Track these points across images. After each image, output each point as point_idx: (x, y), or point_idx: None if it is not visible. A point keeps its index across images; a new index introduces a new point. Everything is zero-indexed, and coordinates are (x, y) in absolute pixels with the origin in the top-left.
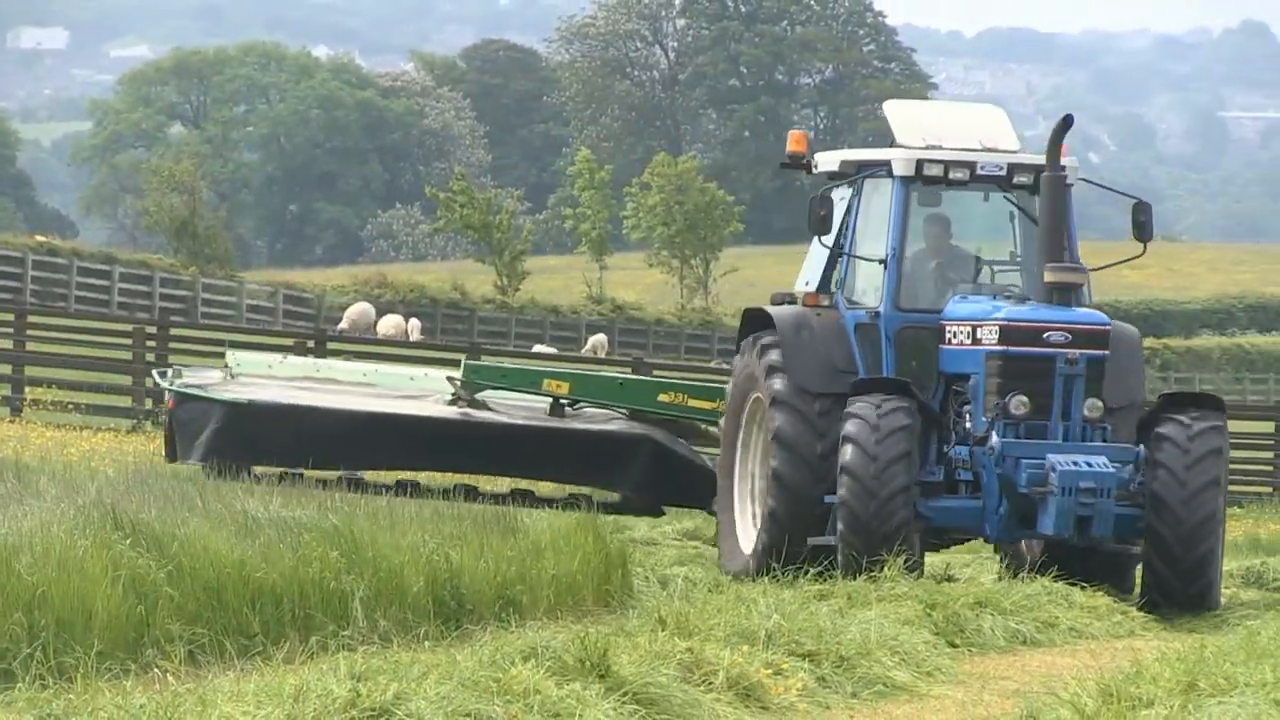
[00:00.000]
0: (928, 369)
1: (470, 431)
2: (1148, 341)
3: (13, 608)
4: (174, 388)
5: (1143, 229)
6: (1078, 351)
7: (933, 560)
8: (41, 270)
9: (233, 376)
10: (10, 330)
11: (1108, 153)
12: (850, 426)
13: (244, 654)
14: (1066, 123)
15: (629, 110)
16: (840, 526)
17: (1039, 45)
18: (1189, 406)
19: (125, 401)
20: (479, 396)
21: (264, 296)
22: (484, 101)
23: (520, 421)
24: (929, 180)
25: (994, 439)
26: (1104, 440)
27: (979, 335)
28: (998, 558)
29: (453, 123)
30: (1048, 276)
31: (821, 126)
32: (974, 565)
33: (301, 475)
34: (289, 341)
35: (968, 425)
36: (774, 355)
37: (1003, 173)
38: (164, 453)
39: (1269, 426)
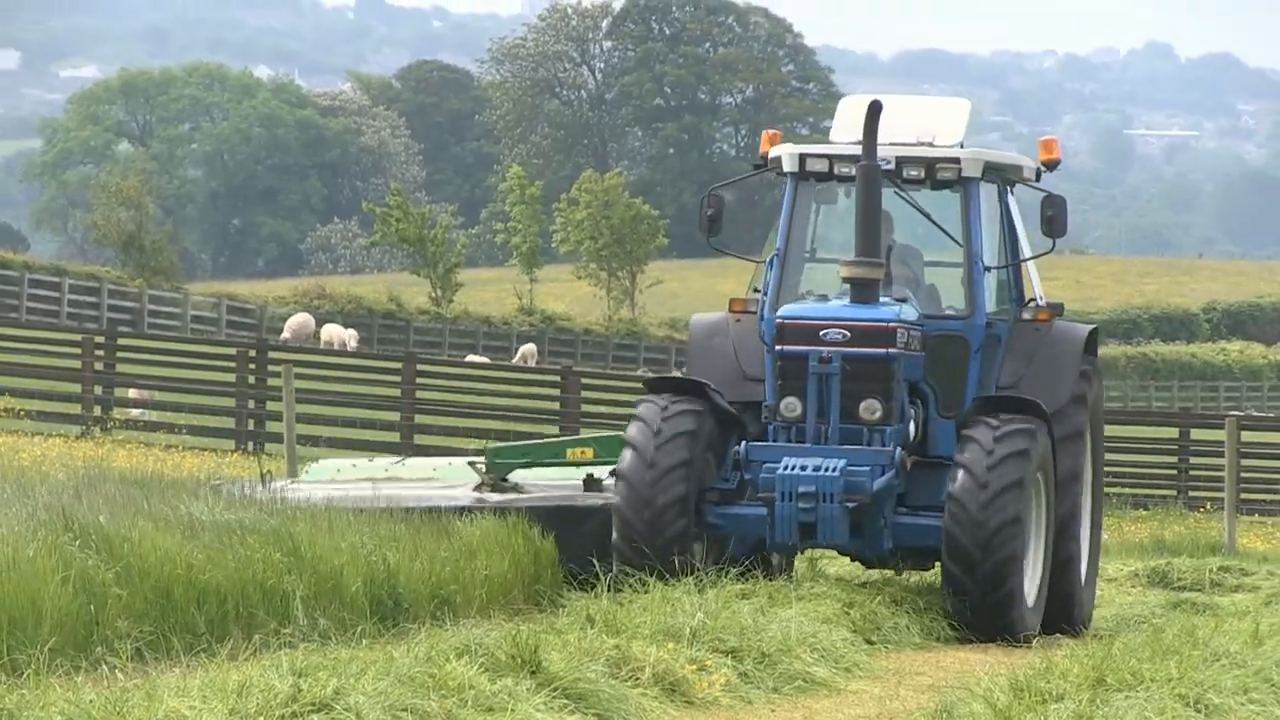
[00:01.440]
0: None
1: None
2: None
3: None
4: None
5: (1052, 224)
6: (832, 349)
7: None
8: None
9: (292, 484)
10: None
11: None
12: (631, 429)
13: (190, 651)
14: (874, 109)
15: (558, 128)
16: (614, 535)
17: (951, 66)
18: (1003, 410)
19: (75, 409)
20: (511, 478)
21: (208, 308)
22: (418, 120)
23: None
24: (819, 176)
25: (742, 444)
26: (883, 444)
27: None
28: None
29: (389, 140)
30: (843, 272)
31: (743, 144)
32: None
33: None
34: (231, 350)
35: None
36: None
37: (890, 167)
38: None
39: (1173, 432)
